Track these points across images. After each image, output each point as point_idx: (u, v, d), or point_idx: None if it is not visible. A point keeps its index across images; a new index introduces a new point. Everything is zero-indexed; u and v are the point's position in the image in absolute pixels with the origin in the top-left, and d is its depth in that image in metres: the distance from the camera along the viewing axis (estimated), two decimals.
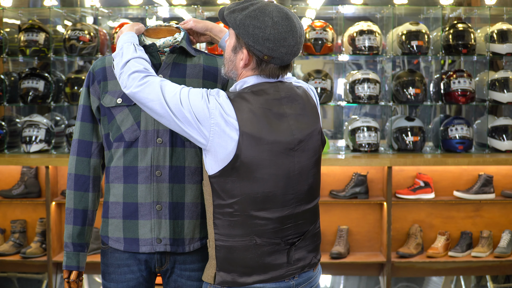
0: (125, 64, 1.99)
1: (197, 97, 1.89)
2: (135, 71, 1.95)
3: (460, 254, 4.53)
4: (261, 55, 1.91)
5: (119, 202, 2.18)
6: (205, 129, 1.88)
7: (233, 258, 1.95)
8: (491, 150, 4.75)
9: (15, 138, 4.94)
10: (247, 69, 1.97)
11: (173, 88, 1.92)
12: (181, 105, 1.89)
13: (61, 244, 4.65)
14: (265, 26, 1.89)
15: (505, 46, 4.70)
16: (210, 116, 1.88)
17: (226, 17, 1.95)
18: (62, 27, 5.26)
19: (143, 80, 1.93)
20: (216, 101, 1.89)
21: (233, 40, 1.96)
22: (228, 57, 2.00)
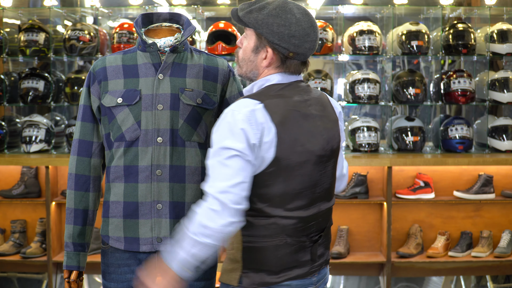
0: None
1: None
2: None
3: (460, 254, 4.53)
4: (286, 52, 1.93)
5: (120, 202, 2.19)
6: (254, 155, 1.88)
7: (262, 258, 1.95)
8: (491, 150, 4.75)
9: (15, 138, 4.94)
10: (270, 68, 1.97)
11: (222, 173, 1.85)
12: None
13: (61, 244, 4.65)
14: (290, 23, 1.91)
15: (505, 46, 4.70)
16: (256, 149, 1.87)
17: (243, 18, 1.94)
18: (62, 27, 5.26)
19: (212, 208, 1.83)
20: (247, 135, 1.84)
21: (253, 41, 1.96)
22: (247, 58, 1.99)
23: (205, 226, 1.81)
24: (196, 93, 2.20)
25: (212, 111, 2.25)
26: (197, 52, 2.29)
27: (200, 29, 5.34)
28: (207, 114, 2.24)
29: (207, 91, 2.23)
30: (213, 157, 1.86)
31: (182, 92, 2.18)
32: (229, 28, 4.77)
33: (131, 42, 4.69)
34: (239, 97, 2.01)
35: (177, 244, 1.86)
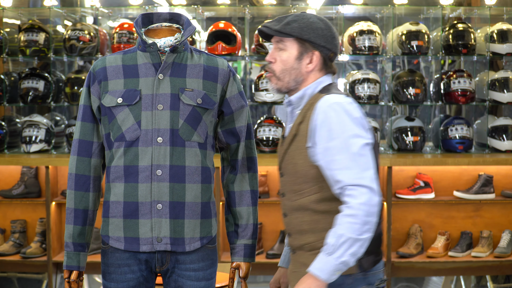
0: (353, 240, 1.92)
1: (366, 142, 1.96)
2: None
3: (460, 254, 4.53)
4: (329, 53, 2.09)
5: (120, 202, 2.19)
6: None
7: (372, 240, 2.02)
8: (491, 150, 4.75)
9: (15, 138, 4.94)
10: (314, 71, 2.10)
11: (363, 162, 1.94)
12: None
13: (61, 244, 4.65)
14: (329, 26, 2.10)
15: (505, 46, 4.70)
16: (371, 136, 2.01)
17: (284, 30, 2.06)
18: (62, 27, 5.26)
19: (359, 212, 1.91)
20: (363, 122, 1.99)
21: (296, 49, 2.08)
22: (289, 67, 2.09)
23: (367, 222, 1.89)
24: (196, 93, 2.20)
25: (212, 111, 2.25)
26: (197, 52, 2.29)
27: (200, 29, 5.34)
28: (207, 114, 2.24)
29: (207, 91, 2.23)
30: (345, 149, 1.94)
31: (182, 92, 2.18)
32: (229, 28, 4.77)
33: (131, 42, 4.69)
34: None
35: (325, 254, 1.90)
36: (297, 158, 2.05)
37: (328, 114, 1.97)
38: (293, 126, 2.09)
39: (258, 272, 4.71)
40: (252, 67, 5.61)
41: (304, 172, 2.04)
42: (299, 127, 2.06)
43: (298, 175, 2.05)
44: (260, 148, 4.63)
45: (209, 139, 2.26)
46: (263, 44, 4.69)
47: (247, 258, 2.33)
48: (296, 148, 2.06)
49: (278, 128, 4.67)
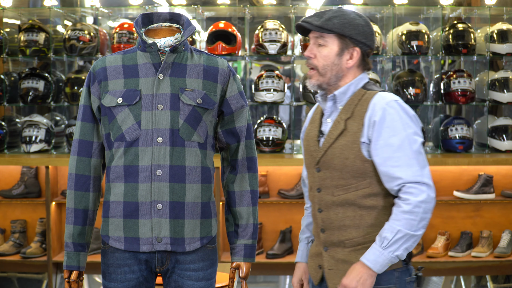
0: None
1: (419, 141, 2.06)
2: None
3: (460, 254, 4.53)
4: (367, 50, 2.14)
5: (120, 202, 2.19)
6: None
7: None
8: (491, 150, 4.75)
9: (15, 138, 4.94)
10: (353, 67, 2.14)
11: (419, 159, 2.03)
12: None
13: (61, 244, 4.65)
14: (368, 23, 2.13)
15: (505, 46, 4.70)
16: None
17: (325, 25, 2.08)
18: (62, 27, 5.26)
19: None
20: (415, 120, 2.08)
21: (336, 45, 2.11)
22: (330, 62, 2.12)
23: (424, 219, 2.01)
24: (196, 93, 2.20)
25: (212, 111, 2.25)
26: (197, 52, 2.29)
27: (200, 29, 5.33)
28: (207, 114, 2.24)
29: (207, 91, 2.23)
30: (406, 146, 2.01)
31: (182, 92, 2.18)
32: (229, 28, 4.77)
33: (131, 42, 4.69)
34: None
35: (380, 247, 1.99)
36: (347, 152, 2.06)
37: (387, 111, 2.02)
38: (338, 121, 2.11)
39: (258, 272, 4.71)
40: (252, 67, 5.60)
41: (355, 167, 2.06)
42: (347, 122, 2.09)
43: (346, 170, 2.07)
44: (260, 148, 4.63)
45: (209, 139, 2.26)
46: (263, 44, 4.69)
47: (247, 258, 2.33)
48: (346, 143, 2.07)
49: (278, 128, 4.67)
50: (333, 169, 2.10)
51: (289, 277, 5.16)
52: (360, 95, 2.11)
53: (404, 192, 1.99)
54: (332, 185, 2.11)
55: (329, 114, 2.17)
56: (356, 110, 2.08)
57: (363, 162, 2.06)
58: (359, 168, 2.06)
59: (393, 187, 2.02)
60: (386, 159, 2.01)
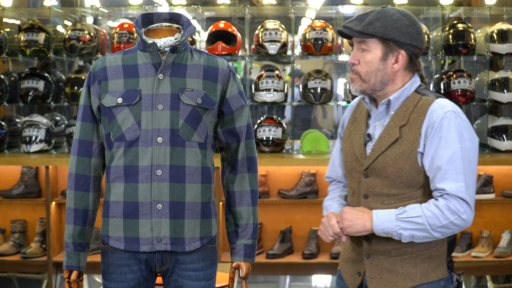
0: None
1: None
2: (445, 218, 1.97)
3: (460, 254, 4.53)
4: (415, 50, 2.03)
5: (120, 202, 2.19)
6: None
7: (455, 240, 2.10)
8: (491, 150, 4.75)
9: (15, 138, 4.94)
10: (401, 70, 2.06)
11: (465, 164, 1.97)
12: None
13: (61, 244, 4.65)
14: (413, 22, 2.03)
15: (505, 46, 4.70)
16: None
17: (366, 30, 2.00)
18: (62, 27, 5.26)
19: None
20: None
21: (380, 49, 2.02)
22: (375, 68, 2.03)
23: (448, 228, 1.98)
24: (196, 93, 2.20)
25: (212, 111, 2.25)
26: (197, 52, 2.29)
27: (200, 29, 5.34)
28: (207, 114, 2.24)
29: (207, 91, 2.23)
30: (458, 159, 1.95)
31: (182, 92, 2.18)
32: (229, 28, 4.77)
33: (131, 42, 4.69)
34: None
35: (395, 215, 1.96)
36: (402, 163, 2.00)
37: (444, 121, 1.96)
38: (391, 128, 2.04)
39: (258, 272, 4.71)
40: (252, 67, 5.61)
41: (410, 177, 2.01)
42: (402, 130, 2.02)
43: (400, 180, 2.01)
44: (260, 148, 4.63)
45: (209, 139, 2.26)
46: (263, 44, 4.69)
47: (247, 258, 2.33)
48: (402, 152, 2.00)
49: (278, 128, 4.67)
50: (384, 178, 2.03)
51: (289, 277, 5.16)
52: (415, 100, 2.03)
53: (445, 198, 1.95)
54: (382, 193, 2.04)
55: (379, 118, 2.09)
56: (412, 118, 2.01)
57: (419, 173, 2.00)
58: (414, 179, 2.00)
59: (436, 195, 1.98)
60: (435, 170, 1.95)
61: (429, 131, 1.97)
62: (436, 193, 1.97)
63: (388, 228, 1.95)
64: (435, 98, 2.02)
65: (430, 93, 2.06)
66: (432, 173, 1.96)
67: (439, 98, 2.02)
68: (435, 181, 1.96)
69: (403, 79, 2.06)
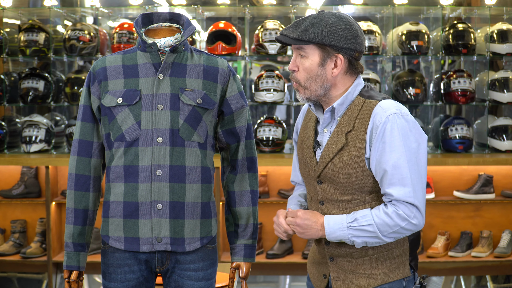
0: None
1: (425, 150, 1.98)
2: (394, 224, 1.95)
3: (460, 254, 4.53)
4: (353, 53, 2.01)
5: (120, 202, 2.19)
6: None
7: (419, 239, 2.11)
8: (491, 150, 4.75)
9: (15, 138, 4.94)
10: (341, 75, 2.03)
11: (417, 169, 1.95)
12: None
13: (61, 244, 4.65)
14: (350, 24, 2.00)
15: (505, 46, 4.70)
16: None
17: (302, 37, 1.98)
18: (62, 27, 5.26)
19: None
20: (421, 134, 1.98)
21: (317, 55, 2.00)
22: (314, 74, 2.01)
23: (400, 234, 1.97)
24: (196, 93, 2.20)
25: (212, 111, 2.25)
26: (197, 52, 2.29)
27: (200, 29, 5.34)
28: (207, 114, 2.24)
29: (207, 91, 2.23)
30: (404, 164, 1.93)
31: (182, 92, 2.18)
32: (229, 28, 4.77)
33: (131, 42, 4.69)
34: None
35: (347, 222, 1.96)
36: (351, 169, 1.99)
37: (387, 125, 1.94)
38: (337, 134, 2.02)
39: (258, 272, 4.71)
40: (252, 67, 5.61)
41: (360, 183, 2.00)
42: (348, 136, 2.00)
43: (352, 186, 2.00)
44: (260, 148, 4.63)
45: (209, 139, 2.26)
46: (263, 44, 4.69)
47: (247, 258, 2.33)
48: (349, 159, 1.99)
49: (278, 128, 4.67)
50: (336, 184, 2.03)
51: (289, 277, 5.16)
52: (360, 104, 2.01)
53: (393, 204, 1.94)
54: (336, 199, 2.04)
55: (326, 124, 2.08)
56: (357, 123, 1.99)
57: (369, 178, 1.99)
58: (365, 184, 1.99)
59: (385, 200, 1.97)
60: (381, 175, 1.94)
61: (373, 136, 1.96)
62: (385, 198, 1.96)
63: (340, 236, 1.97)
64: (378, 101, 1.99)
65: (375, 94, 2.03)
66: (379, 178, 1.95)
67: (382, 100, 1.99)
68: (383, 186, 1.95)
69: (345, 83, 2.04)
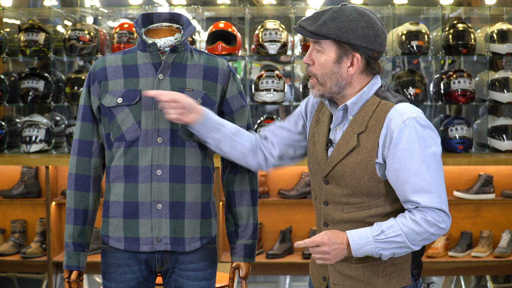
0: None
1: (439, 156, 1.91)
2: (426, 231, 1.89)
3: (460, 254, 4.53)
4: (372, 53, 1.92)
5: (120, 202, 2.19)
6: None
7: (423, 246, 2.02)
8: (491, 150, 4.75)
9: (15, 138, 4.94)
10: (357, 74, 1.95)
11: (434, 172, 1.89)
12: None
13: (61, 244, 4.65)
14: (371, 23, 1.91)
15: (505, 46, 4.70)
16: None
17: (319, 31, 1.90)
18: (62, 27, 5.26)
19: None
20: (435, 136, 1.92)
21: (334, 51, 1.92)
22: (329, 71, 1.94)
23: (429, 240, 1.90)
24: (196, 93, 2.20)
25: (212, 111, 2.25)
26: (197, 52, 2.29)
27: (200, 29, 5.34)
28: None
29: (207, 91, 2.23)
30: (425, 170, 1.87)
31: (182, 92, 2.18)
32: (229, 28, 4.77)
33: (131, 42, 4.69)
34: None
35: (372, 236, 1.88)
36: (360, 172, 1.92)
37: (404, 131, 1.87)
38: (349, 134, 1.96)
39: (258, 272, 4.71)
40: (252, 67, 5.60)
41: (368, 187, 1.93)
42: (360, 138, 1.93)
43: (359, 189, 1.94)
44: None
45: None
46: (263, 44, 4.69)
47: (247, 258, 2.33)
48: (359, 162, 1.92)
49: None
50: (343, 186, 1.96)
51: (289, 277, 5.16)
52: (374, 105, 1.94)
53: (420, 210, 1.87)
54: (342, 201, 1.98)
55: (339, 122, 2.00)
56: (371, 124, 1.92)
57: (378, 183, 1.92)
58: (373, 188, 1.93)
59: (409, 207, 1.91)
60: (402, 183, 1.87)
61: (387, 141, 1.89)
62: (409, 205, 1.89)
63: (368, 251, 1.88)
64: (394, 103, 1.92)
65: (391, 96, 1.96)
66: (400, 186, 1.88)
67: (398, 104, 1.92)
68: (406, 195, 1.88)
69: (361, 82, 1.96)
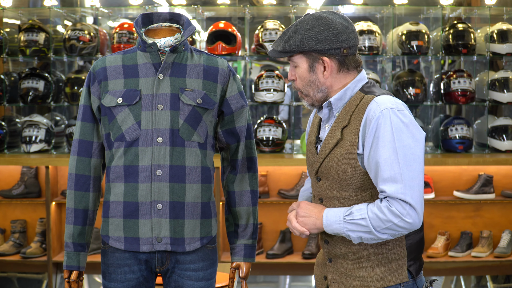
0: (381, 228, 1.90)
1: (422, 149, 1.92)
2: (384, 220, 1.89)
3: (460, 254, 4.53)
4: (339, 51, 1.98)
5: (120, 202, 2.19)
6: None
7: (419, 242, 2.04)
8: (491, 150, 4.75)
9: (15, 138, 4.94)
10: (334, 75, 2.01)
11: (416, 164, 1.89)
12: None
13: (61, 244, 4.65)
14: (328, 24, 1.97)
15: (505, 46, 4.70)
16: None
17: (285, 49, 1.99)
18: (62, 27, 5.26)
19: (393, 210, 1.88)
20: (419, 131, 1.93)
21: (304, 61, 2.00)
22: (307, 81, 2.02)
23: (395, 231, 1.90)
24: (196, 93, 2.20)
25: (212, 111, 2.25)
26: (197, 52, 2.29)
27: (200, 29, 5.34)
28: (207, 114, 2.24)
29: (207, 91, 2.23)
30: (394, 160, 1.87)
31: (182, 92, 2.19)
32: (229, 28, 4.77)
33: (131, 42, 4.69)
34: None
35: (343, 216, 1.92)
36: (343, 165, 1.96)
37: (379, 121, 1.89)
38: (334, 129, 2.00)
39: (258, 272, 4.71)
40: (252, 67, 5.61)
41: (353, 179, 1.96)
42: (344, 132, 1.97)
43: (345, 182, 1.97)
44: (260, 148, 4.63)
45: (209, 139, 2.26)
46: (263, 44, 4.69)
47: (247, 258, 2.33)
48: (342, 154, 1.96)
49: (278, 128, 4.67)
50: (332, 180, 2.00)
51: (289, 277, 5.16)
52: (358, 100, 1.99)
53: (387, 200, 1.88)
54: (332, 196, 2.01)
55: (327, 120, 2.06)
56: (353, 118, 1.97)
57: (362, 175, 1.95)
58: (357, 181, 1.96)
59: (380, 196, 1.92)
60: (374, 171, 1.89)
61: (366, 131, 1.92)
62: (380, 194, 1.91)
63: (337, 229, 1.93)
64: (376, 96, 1.96)
65: (376, 90, 2.00)
66: (373, 174, 1.91)
67: (380, 96, 1.95)
68: (377, 183, 1.91)
69: (341, 81, 2.02)
